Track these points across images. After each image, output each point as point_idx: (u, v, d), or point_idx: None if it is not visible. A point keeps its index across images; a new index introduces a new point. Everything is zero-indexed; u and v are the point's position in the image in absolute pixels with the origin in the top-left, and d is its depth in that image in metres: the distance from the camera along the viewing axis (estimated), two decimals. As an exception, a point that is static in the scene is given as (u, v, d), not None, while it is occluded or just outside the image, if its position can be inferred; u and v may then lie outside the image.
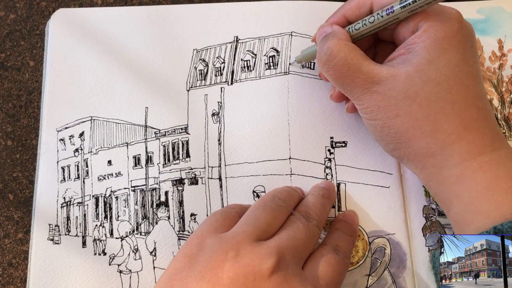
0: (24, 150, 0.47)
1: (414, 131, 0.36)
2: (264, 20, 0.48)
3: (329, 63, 0.38)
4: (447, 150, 0.36)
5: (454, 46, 0.36)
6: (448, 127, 0.35)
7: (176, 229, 0.44)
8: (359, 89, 0.37)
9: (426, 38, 0.36)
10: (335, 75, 0.38)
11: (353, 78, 0.37)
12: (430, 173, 0.37)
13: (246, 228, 0.36)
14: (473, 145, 0.35)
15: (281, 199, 0.39)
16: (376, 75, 0.37)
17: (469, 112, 0.36)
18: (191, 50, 0.48)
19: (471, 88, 0.36)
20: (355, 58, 0.37)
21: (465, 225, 0.35)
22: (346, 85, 0.38)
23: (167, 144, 0.46)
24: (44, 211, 0.45)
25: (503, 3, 0.49)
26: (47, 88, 0.47)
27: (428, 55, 0.35)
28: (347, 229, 0.41)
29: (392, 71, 0.36)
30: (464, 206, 0.35)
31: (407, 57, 0.36)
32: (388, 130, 0.37)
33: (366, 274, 0.43)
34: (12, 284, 0.45)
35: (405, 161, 0.39)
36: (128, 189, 0.46)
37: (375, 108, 0.37)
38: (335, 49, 0.37)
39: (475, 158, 0.35)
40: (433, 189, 0.38)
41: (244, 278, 0.33)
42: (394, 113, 0.36)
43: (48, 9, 0.50)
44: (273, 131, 0.46)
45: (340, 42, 0.38)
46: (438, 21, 0.36)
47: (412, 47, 0.36)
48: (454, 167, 0.35)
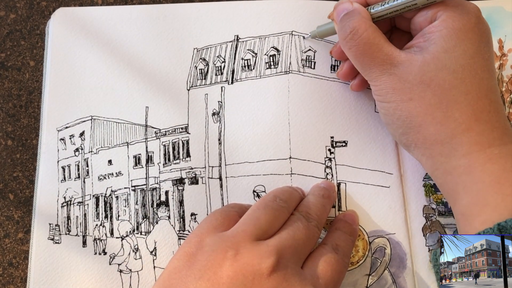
0: (25, 150, 0.47)
1: (426, 116, 0.37)
2: (264, 19, 0.48)
3: (352, 40, 0.38)
4: (456, 139, 0.36)
5: (470, 38, 0.36)
6: (459, 116, 0.36)
7: (176, 228, 0.44)
8: (378, 69, 0.38)
9: (443, 28, 0.36)
10: (356, 52, 0.39)
11: (374, 57, 0.38)
12: (437, 161, 0.37)
13: (246, 227, 0.36)
14: (482, 136, 0.35)
15: (282, 199, 0.39)
16: (395, 58, 0.37)
17: (481, 103, 0.36)
18: (192, 49, 0.48)
19: (484, 81, 0.36)
20: (377, 38, 0.38)
21: (472, 217, 0.35)
22: (365, 63, 0.39)
23: (168, 143, 0.46)
24: (44, 210, 0.45)
25: (503, 3, 0.49)
26: (48, 87, 0.47)
27: (445, 43, 0.36)
28: (347, 229, 0.41)
29: (409, 56, 0.37)
30: (472, 198, 0.35)
31: (424, 44, 0.37)
32: (400, 113, 0.38)
33: (366, 274, 0.43)
34: (12, 283, 0.45)
35: (412, 147, 0.39)
36: (129, 188, 0.46)
37: (390, 90, 0.38)
38: (361, 28, 0.38)
39: (484, 150, 0.35)
40: (440, 179, 0.38)
41: (243, 277, 0.33)
42: (408, 97, 0.37)
43: (48, 9, 0.50)
44: (273, 130, 0.46)
45: (365, 21, 0.39)
46: (457, 13, 0.37)
47: (429, 35, 0.37)
48: (462, 157, 0.36)
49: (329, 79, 0.47)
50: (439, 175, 0.38)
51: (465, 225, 0.36)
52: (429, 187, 0.45)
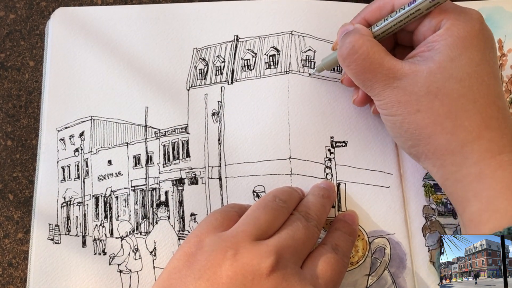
0: (24, 150, 0.47)
1: (435, 127, 0.36)
2: (264, 19, 0.48)
3: (350, 57, 0.38)
4: (467, 147, 0.36)
5: (475, 45, 0.36)
6: (469, 125, 0.35)
7: (176, 229, 0.44)
8: (380, 84, 0.37)
9: (448, 36, 0.36)
10: (356, 69, 0.38)
11: (375, 73, 0.37)
12: (448, 171, 0.37)
13: (246, 227, 0.36)
14: (493, 143, 0.35)
15: (282, 199, 0.39)
16: (398, 71, 0.37)
17: (490, 110, 0.36)
18: (191, 49, 0.48)
19: (491, 87, 0.36)
20: (377, 53, 0.37)
21: (481, 224, 0.35)
22: (367, 80, 0.38)
23: (167, 143, 0.46)
24: (44, 211, 0.45)
25: (503, 3, 0.49)
26: (47, 88, 0.47)
27: (451, 52, 0.36)
28: (347, 229, 0.41)
29: (413, 67, 0.36)
30: (482, 204, 0.35)
31: (428, 54, 0.37)
32: (408, 126, 0.37)
33: (366, 274, 0.43)
34: (12, 284, 0.45)
35: (423, 159, 0.38)
36: (128, 189, 0.46)
37: (395, 103, 0.37)
38: (357, 44, 0.37)
39: (495, 157, 0.35)
40: (450, 188, 0.37)
41: (242, 277, 0.33)
42: (415, 109, 0.36)
43: (48, 9, 0.50)
44: (273, 130, 0.46)
45: (363, 37, 0.38)
46: (461, 21, 0.36)
47: (433, 44, 0.37)
48: (473, 165, 0.35)
49: (329, 79, 0.47)
50: (449, 185, 0.37)
51: (473, 232, 0.35)
52: (429, 187, 0.45)
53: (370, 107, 0.45)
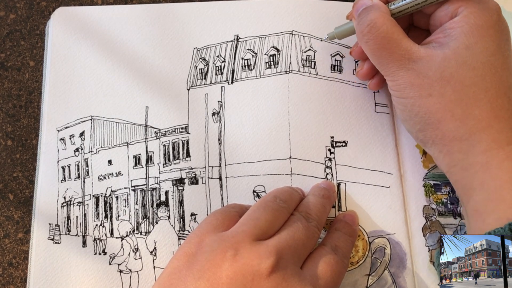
0: (24, 150, 0.47)
1: (445, 112, 0.36)
2: (264, 19, 0.48)
3: (370, 34, 0.38)
4: (475, 136, 0.36)
5: (491, 35, 0.36)
6: (479, 113, 0.36)
7: (176, 228, 0.44)
8: (395, 64, 0.38)
9: (465, 24, 0.36)
10: (374, 46, 0.38)
11: (392, 52, 0.38)
12: (455, 158, 0.37)
13: (246, 228, 0.36)
14: (501, 134, 0.35)
15: (282, 199, 0.39)
16: (414, 53, 0.37)
17: (501, 101, 0.36)
18: (192, 49, 0.48)
19: (504, 78, 0.36)
20: (396, 33, 0.38)
21: (486, 214, 0.35)
22: (383, 58, 0.38)
23: (167, 143, 0.46)
24: (44, 210, 0.45)
25: (503, 3, 0.48)
26: (47, 87, 0.47)
27: (466, 40, 0.36)
28: (347, 229, 0.41)
29: (429, 52, 0.37)
30: (488, 194, 0.35)
31: (444, 40, 0.37)
32: (419, 109, 0.37)
33: (366, 274, 0.43)
34: (12, 284, 0.45)
35: (430, 144, 0.39)
36: (128, 188, 0.46)
37: (408, 85, 0.37)
38: (379, 21, 0.38)
39: (503, 148, 0.35)
40: (455, 176, 0.38)
41: (242, 278, 0.33)
42: (427, 93, 0.37)
43: (48, 9, 0.50)
44: (273, 130, 0.46)
45: (384, 15, 0.38)
46: (479, 9, 0.36)
47: (450, 31, 0.37)
48: (481, 154, 0.36)
49: (329, 79, 0.47)
50: (455, 172, 0.37)
51: (477, 221, 0.35)
52: (429, 187, 0.44)
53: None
